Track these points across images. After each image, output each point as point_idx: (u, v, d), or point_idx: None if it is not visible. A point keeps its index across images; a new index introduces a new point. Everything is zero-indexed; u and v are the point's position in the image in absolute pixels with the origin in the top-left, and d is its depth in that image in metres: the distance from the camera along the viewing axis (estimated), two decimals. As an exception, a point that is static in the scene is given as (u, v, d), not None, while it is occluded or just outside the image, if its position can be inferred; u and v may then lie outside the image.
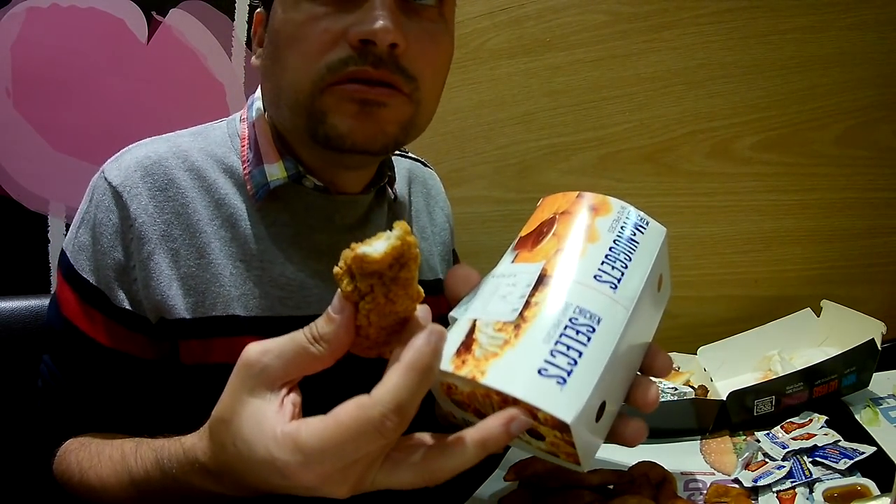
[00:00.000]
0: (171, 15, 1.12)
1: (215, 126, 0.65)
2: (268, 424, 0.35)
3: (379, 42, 0.49)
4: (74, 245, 0.59)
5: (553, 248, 0.42)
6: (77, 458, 0.55)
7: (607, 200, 0.45)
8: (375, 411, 0.32)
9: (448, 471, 0.35)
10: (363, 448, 0.33)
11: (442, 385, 0.40)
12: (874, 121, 0.83)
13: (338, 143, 0.53)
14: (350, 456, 0.33)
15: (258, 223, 0.60)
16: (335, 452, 0.33)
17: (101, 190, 0.58)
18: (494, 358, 0.36)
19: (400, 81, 0.52)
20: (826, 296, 0.78)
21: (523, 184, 1.03)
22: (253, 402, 0.36)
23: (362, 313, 0.35)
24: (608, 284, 0.39)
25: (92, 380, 0.58)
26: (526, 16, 0.99)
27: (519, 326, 0.37)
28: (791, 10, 0.84)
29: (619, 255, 0.41)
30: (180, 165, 0.59)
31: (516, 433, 0.34)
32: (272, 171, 0.59)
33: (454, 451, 0.35)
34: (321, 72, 0.51)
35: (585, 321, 0.37)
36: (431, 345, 0.33)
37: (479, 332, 0.39)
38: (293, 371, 0.36)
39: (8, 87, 1.00)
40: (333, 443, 0.33)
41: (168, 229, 0.57)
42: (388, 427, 0.33)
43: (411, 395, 0.33)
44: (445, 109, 1.08)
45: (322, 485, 0.35)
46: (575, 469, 0.39)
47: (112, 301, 0.57)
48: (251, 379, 0.36)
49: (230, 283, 0.58)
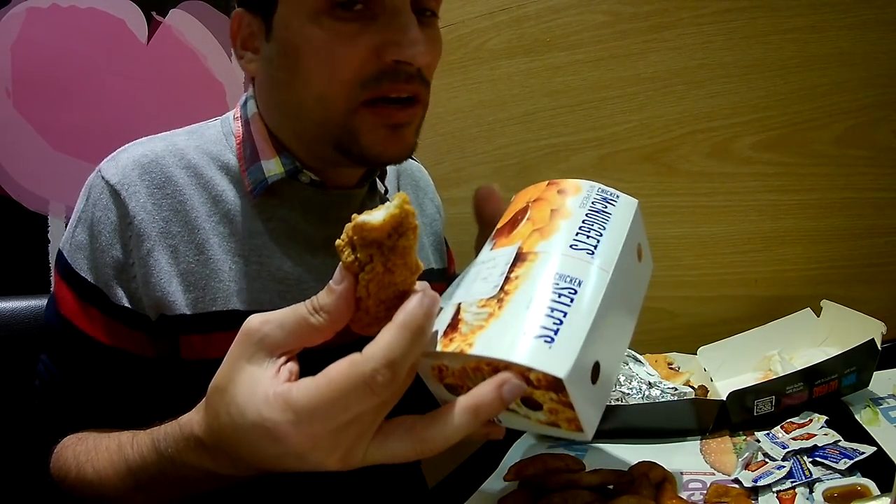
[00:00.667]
0: (171, 15, 1.13)
1: (209, 125, 0.66)
2: (261, 388, 0.34)
3: (417, 64, 0.53)
4: (71, 244, 0.59)
5: (528, 230, 0.42)
6: (74, 453, 0.54)
7: (576, 182, 0.46)
8: (367, 367, 0.32)
9: (440, 440, 0.35)
10: (354, 406, 0.33)
11: (433, 370, 0.39)
12: (874, 121, 0.83)
13: (371, 160, 0.57)
14: (341, 414, 0.33)
15: (256, 218, 0.61)
16: (326, 410, 0.33)
17: (99, 189, 0.59)
18: (480, 330, 0.36)
19: (423, 92, 0.56)
20: (826, 296, 0.78)
21: (523, 184, 1.01)
22: (249, 368, 0.36)
23: (362, 284, 0.35)
24: (585, 251, 0.40)
25: (91, 378, 0.58)
26: (526, 16, 0.99)
27: (502, 299, 0.38)
28: (791, 10, 0.84)
29: (593, 224, 0.42)
30: (177, 163, 0.60)
31: (508, 397, 0.34)
32: (269, 167, 0.60)
33: (446, 419, 0.35)
34: (355, 90, 0.53)
35: (566, 284, 0.37)
36: (424, 307, 0.34)
37: (463, 312, 0.39)
38: (293, 341, 0.36)
39: (8, 87, 1.01)
40: (324, 400, 0.33)
41: (167, 226, 0.58)
42: (378, 382, 0.32)
43: (402, 353, 0.33)
44: (445, 109, 1.08)
45: (313, 449, 0.34)
46: (579, 438, 0.37)
47: (111, 299, 0.57)
48: (250, 346, 0.36)
49: (229, 277, 0.59)
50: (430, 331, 0.34)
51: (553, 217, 0.43)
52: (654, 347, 0.81)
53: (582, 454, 0.63)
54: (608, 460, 0.59)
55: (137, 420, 0.54)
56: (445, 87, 1.06)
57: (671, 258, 0.94)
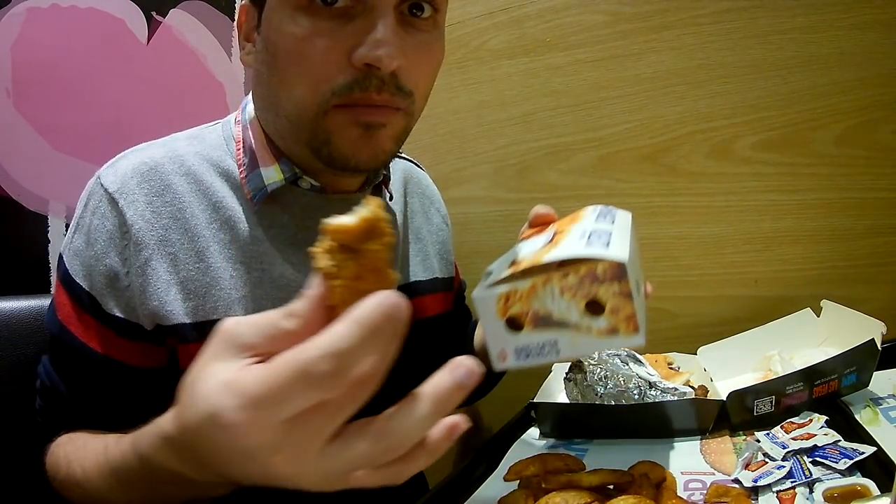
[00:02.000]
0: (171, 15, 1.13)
1: (210, 129, 0.65)
2: (219, 378, 0.33)
3: (384, 68, 0.50)
4: (70, 250, 0.59)
5: (555, 227, 0.49)
6: (65, 452, 0.54)
7: (580, 209, 0.53)
8: (307, 354, 0.30)
9: (403, 431, 0.32)
10: (296, 396, 0.30)
11: (500, 301, 0.42)
12: (874, 121, 0.83)
13: (341, 163, 0.55)
14: (284, 404, 0.31)
15: (256, 225, 0.60)
16: (269, 397, 0.31)
17: (98, 196, 0.58)
18: (546, 253, 0.42)
19: (398, 101, 0.54)
20: (826, 296, 0.78)
21: (523, 184, 1.03)
22: (215, 364, 0.34)
23: (336, 291, 0.34)
24: (607, 223, 0.47)
25: (85, 383, 0.58)
26: (526, 16, 0.99)
27: (555, 242, 0.44)
28: (791, 10, 0.84)
29: (606, 215, 0.49)
30: (176, 170, 0.59)
31: (464, 380, 0.32)
32: (269, 175, 0.60)
33: (408, 408, 0.32)
34: (325, 95, 0.52)
35: (602, 231, 0.44)
36: (383, 306, 0.31)
37: (521, 258, 0.44)
38: (264, 342, 0.34)
39: (8, 87, 1.00)
40: (268, 385, 0.30)
41: (166, 234, 0.57)
42: (319, 371, 0.30)
43: (349, 347, 0.30)
44: (445, 109, 1.08)
45: (258, 444, 0.32)
46: (635, 343, 0.41)
47: (103, 307, 0.57)
48: (221, 344, 0.35)
49: (230, 285, 0.58)
50: (391, 331, 0.32)
51: (573, 219, 0.49)
52: (654, 347, 0.81)
53: (582, 454, 0.63)
54: (608, 460, 0.59)
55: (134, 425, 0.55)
56: (445, 87, 1.06)
57: (671, 258, 0.94)
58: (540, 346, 0.42)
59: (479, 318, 0.44)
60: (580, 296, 0.40)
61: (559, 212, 0.55)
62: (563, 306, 0.41)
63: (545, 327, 0.42)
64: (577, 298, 0.41)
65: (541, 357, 0.43)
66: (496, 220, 1.07)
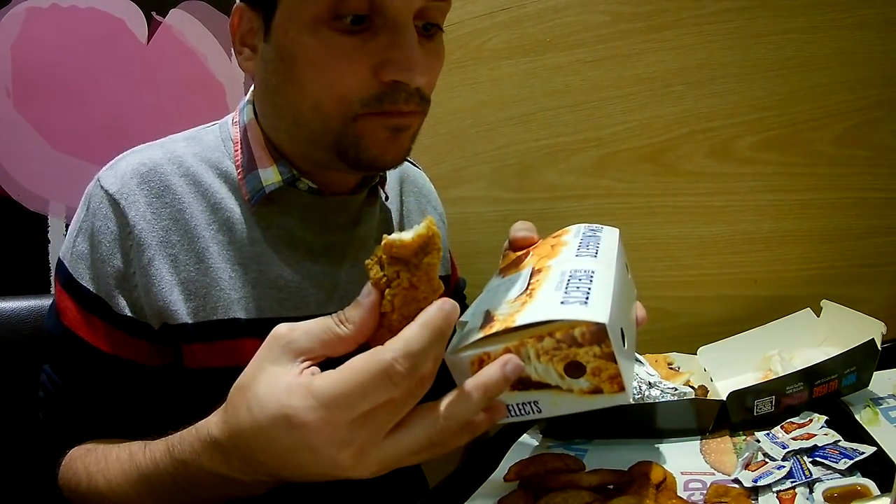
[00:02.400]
0: (171, 15, 1.13)
1: (208, 130, 0.65)
2: (283, 381, 0.36)
3: (414, 84, 0.52)
4: (72, 254, 0.59)
5: (534, 260, 0.48)
6: (84, 464, 0.54)
7: (564, 228, 0.53)
8: (387, 356, 0.34)
9: (458, 417, 0.37)
10: (373, 394, 0.34)
11: (473, 365, 0.41)
12: (874, 121, 0.83)
13: (368, 164, 0.56)
14: (360, 402, 0.34)
15: (254, 226, 0.60)
16: (346, 397, 0.34)
17: (98, 198, 0.58)
18: (519, 312, 0.40)
19: (423, 108, 0.56)
20: (826, 296, 0.78)
21: (523, 184, 1.03)
22: (273, 368, 0.37)
23: (387, 299, 0.38)
24: (589, 255, 0.45)
25: (94, 387, 0.58)
26: (526, 16, 0.99)
27: (531, 292, 0.42)
28: (791, 10, 0.84)
29: (589, 242, 0.48)
30: (175, 171, 0.59)
31: (511, 374, 0.37)
32: (267, 176, 0.60)
33: (462, 396, 0.37)
34: (354, 106, 0.52)
35: (582, 274, 0.42)
36: (444, 311, 0.36)
37: (495, 311, 0.42)
38: (317, 347, 0.37)
39: (8, 87, 1.01)
40: (345, 386, 0.34)
41: (166, 235, 0.57)
42: (397, 371, 0.34)
43: (421, 347, 0.35)
44: (445, 109, 1.08)
45: (329, 439, 0.35)
46: (620, 401, 0.39)
47: (113, 308, 0.57)
48: (276, 349, 0.37)
49: (230, 286, 0.59)
50: (448, 334, 0.36)
51: (555, 247, 0.49)
52: (654, 347, 0.81)
53: (582, 454, 0.63)
54: (608, 460, 0.59)
55: (143, 429, 0.54)
56: (445, 87, 1.06)
57: (671, 258, 0.94)
58: (520, 406, 0.41)
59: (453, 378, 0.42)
60: (558, 359, 0.38)
61: (559, 212, 0.55)
62: (541, 369, 0.39)
63: (523, 389, 0.40)
64: (555, 362, 0.38)
65: (522, 416, 0.41)
66: (496, 219, 1.07)
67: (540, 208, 1.01)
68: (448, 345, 0.39)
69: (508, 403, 0.41)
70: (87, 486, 0.53)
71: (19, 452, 0.68)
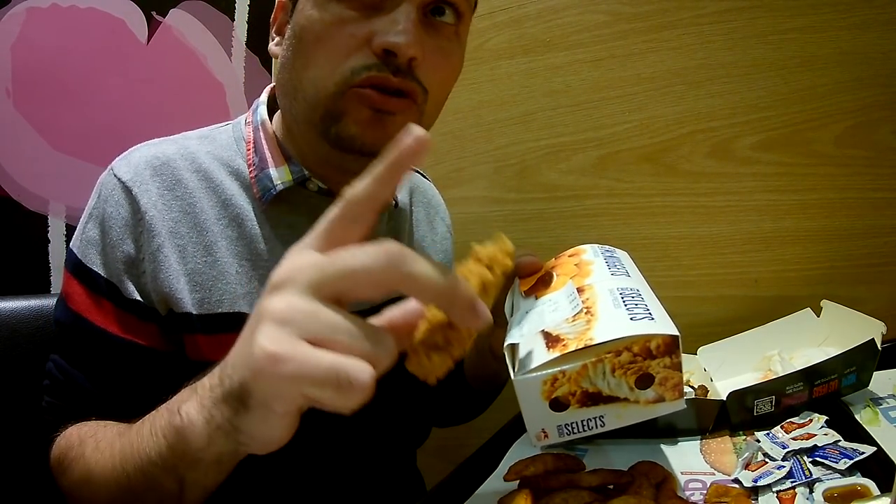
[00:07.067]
0: (171, 15, 1.13)
1: (221, 129, 0.67)
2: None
3: (401, 55, 0.53)
4: (82, 241, 0.59)
5: (565, 280, 0.49)
6: (79, 432, 0.54)
7: (577, 248, 0.55)
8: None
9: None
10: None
11: (545, 384, 0.41)
12: (874, 121, 0.83)
13: (347, 143, 0.56)
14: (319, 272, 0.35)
15: (264, 224, 0.61)
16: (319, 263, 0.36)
17: (111, 185, 0.59)
18: (589, 331, 0.41)
19: (416, 91, 0.55)
20: (826, 296, 0.78)
21: (523, 184, 1.03)
22: None
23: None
24: (623, 274, 0.48)
25: (104, 371, 0.58)
26: (526, 16, 0.99)
27: (589, 311, 0.43)
28: (791, 10, 0.84)
29: (614, 262, 0.50)
30: (188, 167, 0.61)
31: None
32: (277, 175, 0.61)
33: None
34: (345, 74, 0.53)
35: (630, 292, 0.45)
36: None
37: (556, 331, 0.43)
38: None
39: (8, 87, 1.01)
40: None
41: (176, 226, 0.58)
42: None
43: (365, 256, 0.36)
44: (445, 109, 1.07)
45: (275, 304, 0.33)
46: (677, 407, 0.42)
47: (123, 293, 0.57)
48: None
49: (236, 280, 0.59)
50: (413, 266, 0.34)
51: (580, 266, 0.50)
52: (654, 347, 0.81)
53: (582, 454, 0.63)
54: (608, 460, 0.59)
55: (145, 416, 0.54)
56: (445, 87, 1.05)
57: (671, 258, 0.94)
58: (584, 421, 0.42)
59: (518, 400, 0.42)
60: (631, 372, 0.41)
61: (559, 212, 0.56)
62: (613, 383, 0.41)
63: (593, 405, 0.42)
64: (629, 375, 0.41)
65: (584, 431, 0.42)
66: (496, 220, 1.06)
67: (540, 208, 1.01)
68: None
69: (573, 420, 0.42)
70: (75, 454, 0.51)
71: (19, 452, 0.68)
